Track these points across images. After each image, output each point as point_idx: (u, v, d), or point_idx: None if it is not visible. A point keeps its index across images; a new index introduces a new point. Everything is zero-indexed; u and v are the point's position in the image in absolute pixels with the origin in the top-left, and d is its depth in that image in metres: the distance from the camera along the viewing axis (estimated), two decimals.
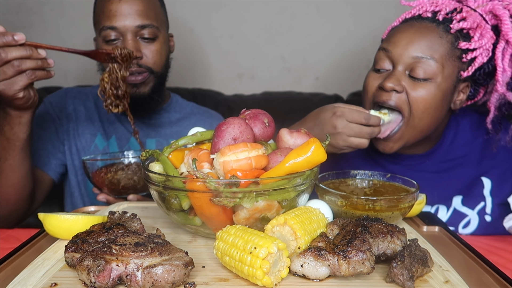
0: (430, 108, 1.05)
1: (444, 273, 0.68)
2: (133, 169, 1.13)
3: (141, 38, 1.28)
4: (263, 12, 1.97)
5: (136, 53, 1.24)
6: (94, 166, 1.14)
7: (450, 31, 1.05)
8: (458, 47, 1.05)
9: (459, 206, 1.16)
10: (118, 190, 1.14)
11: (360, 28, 1.95)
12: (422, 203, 0.97)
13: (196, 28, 1.98)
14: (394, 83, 1.04)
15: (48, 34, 1.96)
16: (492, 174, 1.16)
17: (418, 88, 1.04)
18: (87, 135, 1.40)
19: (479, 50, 1.04)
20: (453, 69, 1.05)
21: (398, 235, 0.71)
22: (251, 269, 0.62)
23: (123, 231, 0.70)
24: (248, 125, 0.81)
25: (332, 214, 0.86)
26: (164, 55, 1.35)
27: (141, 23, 1.26)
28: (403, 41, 1.06)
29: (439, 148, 1.20)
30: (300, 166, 0.76)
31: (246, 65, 2.02)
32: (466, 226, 1.16)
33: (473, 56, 1.05)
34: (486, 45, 1.04)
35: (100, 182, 1.14)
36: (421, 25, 1.07)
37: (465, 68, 1.06)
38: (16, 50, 0.97)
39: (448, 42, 1.04)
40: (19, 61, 0.98)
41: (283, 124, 0.95)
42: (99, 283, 0.60)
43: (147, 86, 1.32)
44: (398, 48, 1.06)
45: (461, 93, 1.11)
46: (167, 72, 1.40)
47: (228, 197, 0.71)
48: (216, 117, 1.57)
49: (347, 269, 0.64)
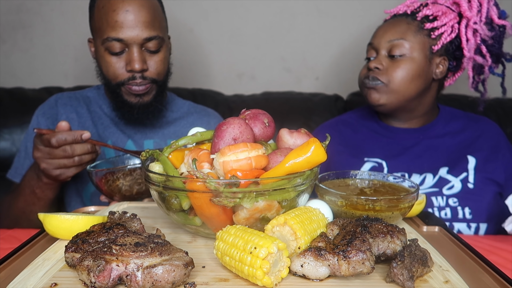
0: (407, 76, 1.29)
1: (444, 273, 0.68)
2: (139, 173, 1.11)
3: (146, 49, 1.28)
4: (263, 12, 1.97)
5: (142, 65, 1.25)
6: (99, 174, 1.11)
7: (416, 18, 1.32)
8: (424, 28, 1.30)
9: (444, 175, 1.32)
10: (132, 197, 1.12)
11: (360, 28, 1.95)
12: (422, 203, 0.97)
13: (196, 28, 1.98)
14: (376, 63, 1.32)
15: (48, 34, 1.96)
16: (477, 155, 1.35)
17: (396, 63, 1.30)
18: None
19: (444, 27, 1.29)
20: (424, 44, 1.30)
21: (398, 235, 0.71)
22: (251, 269, 0.62)
23: (123, 231, 0.70)
24: (248, 125, 0.81)
25: (332, 214, 0.86)
26: (167, 64, 1.35)
27: (148, 35, 1.25)
28: (380, 32, 1.35)
29: (432, 127, 1.41)
30: (300, 166, 0.76)
31: (246, 65, 2.02)
32: (449, 189, 1.30)
33: (440, 33, 1.29)
34: (450, 23, 1.29)
35: (109, 191, 1.11)
36: (394, 20, 1.36)
37: (435, 43, 1.31)
38: (81, 147, 1.12)
39: (415, 26, 1.31)
40: (80, 157, 1.13)
41: (283, 124, 0.95)
42: (99, 283, 0.60)
43: (150, 95, 1.32)
44: (377, 38, 1.35)
45: (440, 65, 1.34)
46: (168, 78, 1.40)
47: (228, 197, 0.71)
48: (214, 115, 1.56)
49: (347, 269, 0.64)
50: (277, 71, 2.02)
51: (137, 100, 1.31)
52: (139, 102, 1.31)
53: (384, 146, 1.39)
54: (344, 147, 1.41)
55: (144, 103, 1.32)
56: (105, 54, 1.27)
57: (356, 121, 1.48)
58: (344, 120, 1.51)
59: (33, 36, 1.96)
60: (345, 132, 1.46)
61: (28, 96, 1.78)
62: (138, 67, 1.24)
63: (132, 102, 1.31)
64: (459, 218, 1.26)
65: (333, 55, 2.01)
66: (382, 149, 1.39)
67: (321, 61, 2.02)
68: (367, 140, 1.43)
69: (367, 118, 1.47)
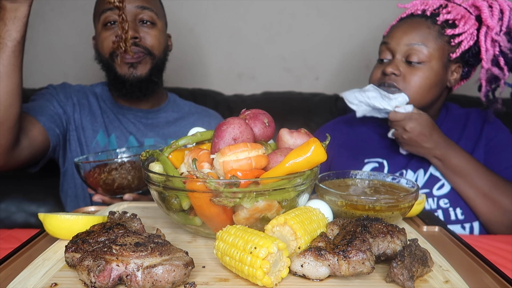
0: (425, 85, 1.25)
1: (444, 273, 0.68)
2: (127, 168, 1.13)
3: (140, 22, 1.31)
4: (263, 12, 1.97)
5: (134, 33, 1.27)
6: (87, 167, 1.13)
7: (437, 22, 1.26)
8: (445, 34, 1.25)
9: (434, 171, 1.30)
10: (113, 190, 1.13)
11: (360, 28, 1.95)
12: (422, 203, 0.97)
13: (196, 28, 1.98)
14: (393, 68, 1.26)
15: (48, 34, 1.96)
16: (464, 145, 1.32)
17: (413, 71, 1.25)
18: (89, 130, 1.40)
19: (464, 35, 1.24)
20: (443, 52, 1.26)
21: (398, 235, 0.71)
22: (251, 269, 0.62)
23: (123, 231, 0.70)
24: (248, 125, 0.81)
25: (332, 214, 0.86)
26: (162, 43, 1.37)
27: (141, 3, 1.30)
28: (398, 33, 1.28)
29: None
30: (300, 166, 0.76)
31: (246, 65, 2.02)
32: (439, 189, 1.29)
33: (460, 40, 1.25)
34: (470, 30, 1.24)
35: (94, 183, 1.13)
36: (413, 20, 1.29)
37: (454, 50, 1.27)
38: None
39: (436, 31, 1.25)
40: None
41: (283, 124, 0.95)
42: (99, 283, 0.60)
43: (144, 68, 1.33)
44: (394, 39, 1.28)
45: (455, 73, 1.31)
46: (165, 60, 1.42)
47: (228, 197, 0.71)
48: (215, 116, 1.57)
49: (347, 269, 0.64)
50: (277, 71, 2.02)
51: (130, 72, 1.31)
52: (132, 74, 1.32)
53: (385, 145, 1.38)
54: (344, 148, 1.41)
55: (138, 76, 1.32)
56: (102, 31, 1.31)
57: (357, 121, 1.47)
58: (345, 121, 1.50)
59: (33, 36, 1.96)
60: (346, 132, 1.45)
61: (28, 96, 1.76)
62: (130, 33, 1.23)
63: (125, 75, 1.32)
64: (452, 220, 1.25)
65: (333, 55, 2.01)
66: (382, 148, 1.38)
67: (321, 61, 2.01)
68: (367, 140, 1.41)
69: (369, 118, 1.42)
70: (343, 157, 1.39)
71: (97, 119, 1.41)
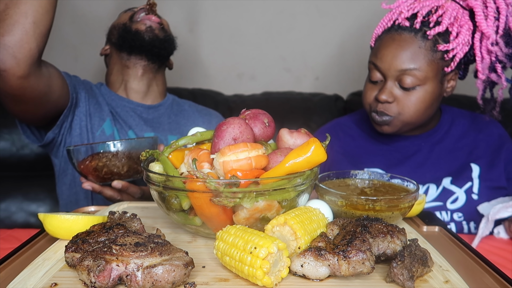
0: (422, 108, 1.20)
1: (444, 273, 0.68)
2: (118, 157, 1.14)
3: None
4: (263, 12, 1.97)
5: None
6: (79, 155, 1.15)
7: (428, 37, 1.16)
8: (438, 50, 1.16)
9: (447, 185, 1.26)
10: (101, 177, 1.14)
11: (360, 28, 1.95)
12: (422, 203, 0.97)
13: (196, 28, 1.98)
14: (387, 96, 1.19)
15: None
16: (480, 162, 1.28)
17: (408, 96, 1.18)
18: (96, 117, 1.40)
19: (458, 48, 1.15)
20: (437, 69, 1.18)
21: (398, 235, 0.71)
22: (251, 269, 0.62)
23: (123, 231, 0.70)
24: (248, 125, 0.81)
25: (332, 214, 0.86)
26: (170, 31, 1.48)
27: None
28: (387, 56, 1.18)
29: (434, 134, 1.33)
30: (300, 166, 0.76)
31: (246, 65, 2.02)
32: (454, 202, 1.25)
33: (454, 54, 1.16)
34: (464, 40, 1.15)
35: (85, 170, 1.15)
36: (401, 37, 1.18)
37: (448, 64, 1.19)
38: None
39: (428, 50, 1.16)
40: None
41: (283, 124, 0.95)
42: (99, 283, 0.60)
43: (162, 33, 1.41)
44: (384, 63, 1.19)
45: (451, 81, 1.24)
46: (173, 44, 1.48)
47: (228, 197, 0.71)
48: (215, 115, 1.57)
49: (347, 269, 0.64)
50: (277, 71, 2.02)
51: (146, 28, 1.38)
52: (148, 30, 1.38)
53: (383, 154, 1.34)
54: (343, 155, 1.37)
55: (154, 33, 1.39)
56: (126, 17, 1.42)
57: (355, 125, 1.43)
58: (343, 125, 1.45)
59: None
60: (344, 139, 1.41)
61: None
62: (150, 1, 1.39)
63: (141, 30, 1.38)
64: (465, 233, 1.22)
65: (333, 55, 2.01)
66: (381, 157, 1.34)
67: (321, 61, 2.02)
68: (366, 148, 1.37)
69: (366, 122, 1.41)
70: (342, 164, 1.35)
71: (104, 109, 1.42)
